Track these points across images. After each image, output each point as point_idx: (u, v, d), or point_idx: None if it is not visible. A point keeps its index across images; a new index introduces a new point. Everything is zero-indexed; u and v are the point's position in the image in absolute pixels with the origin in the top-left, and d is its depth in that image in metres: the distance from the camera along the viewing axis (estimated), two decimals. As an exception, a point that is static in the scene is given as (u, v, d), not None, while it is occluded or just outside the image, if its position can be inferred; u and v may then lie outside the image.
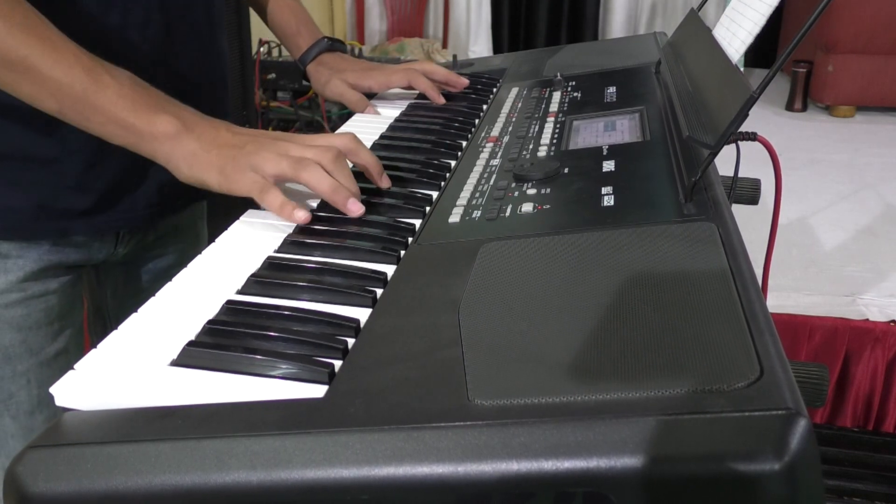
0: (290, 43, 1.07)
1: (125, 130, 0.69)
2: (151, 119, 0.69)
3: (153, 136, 0.70)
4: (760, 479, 0.37)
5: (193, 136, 0.70)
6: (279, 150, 0.70)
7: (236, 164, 0.69)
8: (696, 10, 1.00)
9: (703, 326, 0.46)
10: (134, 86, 0.70)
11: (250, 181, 0.69)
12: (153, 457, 0.43)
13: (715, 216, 0.59)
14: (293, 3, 1.07)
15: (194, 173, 0.70)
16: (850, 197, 2.36)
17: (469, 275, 0.57)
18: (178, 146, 0.70)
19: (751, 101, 0.60)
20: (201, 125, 0.71)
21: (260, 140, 0.71)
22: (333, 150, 0.72)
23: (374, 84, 1.05)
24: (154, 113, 0.70)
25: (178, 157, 0.70)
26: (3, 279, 0.80)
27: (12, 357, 0.81)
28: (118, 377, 0.50)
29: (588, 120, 0.89)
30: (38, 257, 0.81)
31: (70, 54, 0.67)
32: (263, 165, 0.69)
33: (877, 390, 1.75)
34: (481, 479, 0.39)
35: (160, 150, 0.70)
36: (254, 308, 0.57)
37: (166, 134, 0.70)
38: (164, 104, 0.71)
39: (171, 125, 0.70)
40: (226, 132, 0.72)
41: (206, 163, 0.70)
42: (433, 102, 1.05)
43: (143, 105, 0.69)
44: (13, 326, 0.81)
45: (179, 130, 0.70)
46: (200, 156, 0.70)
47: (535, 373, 0.45)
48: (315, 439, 0.42)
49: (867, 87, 3.12)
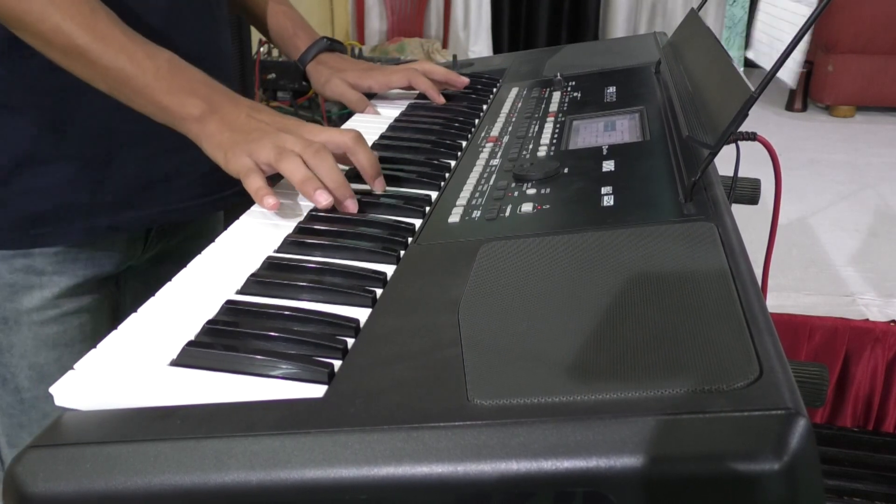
0: (288, 45, 1.07)
1: (162, 112, 0.75)
2: (183, 101, 0.74)
3: (183, 117, 0.74)
4: (760, 479, 0.37)
5: (217, 117, 0.75)
6: (277, 140, 0.73)
7: (238, 148, 0.73)
8: (696, 10, 1.00)
9: (702, 326, 0.46)
10: (171, 68, 0.74)
11: (241, 164, 0.73)
12: (153, 457, 0.43)
13: (715, 216, 0.59)
14: (287, 9, 1.06)
15: (210, 152, 0.75)
16: (850, 197, 2.36)
17: (469, 275, 0.57)
18: (204, 127, 0.74)
19: (751, 101, 0.60)
20: (226, 107, 0.75)
21: (268, 129, 0.74)
22: (317, 144, 0.73)
23: (374, 84, 1.05)
24: (186, 95, 0.74)
25: (203, 137, 0.75)
26: (38, 295, 0.81)
27: (46, 376, 0.82)
28: (118, 377, 0.50)
29: (588, 120, 0.89)
30: (73, 272, 0.83)
31: (116, 42, 0.72)
32: (256, 152, 0.72)
33: (877, 390, 1.76)
34: (481, 478, 0.39)
35: (191, 131, 0.75)
36: (253, 308, 0.57)
37: (194, 116, 0.74)
38: (196, 86, 0.75)
39: (197, 108, 0.74)
40: (245, 117, 0.75)
41: (219, 143, 0.74)
42: (433, 102, 1.05)
43: (177, 88, 0.74)
44: (48, 344, 0.82)
45: (205, 112, 0.74)
46: (217, 136, 0.74)
47: (534, 372, 0.45)
48: (314, 439, 0.42)
49: (867, 87, 3.13)
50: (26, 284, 0.81)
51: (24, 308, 0.81)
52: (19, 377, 0.82)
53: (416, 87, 1.06)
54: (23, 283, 0.81)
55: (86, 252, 0.83)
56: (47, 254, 0.81)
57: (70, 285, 0.83)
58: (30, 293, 0.81)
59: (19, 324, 0.81)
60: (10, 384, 0.82)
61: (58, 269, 0.82)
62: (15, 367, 0.82)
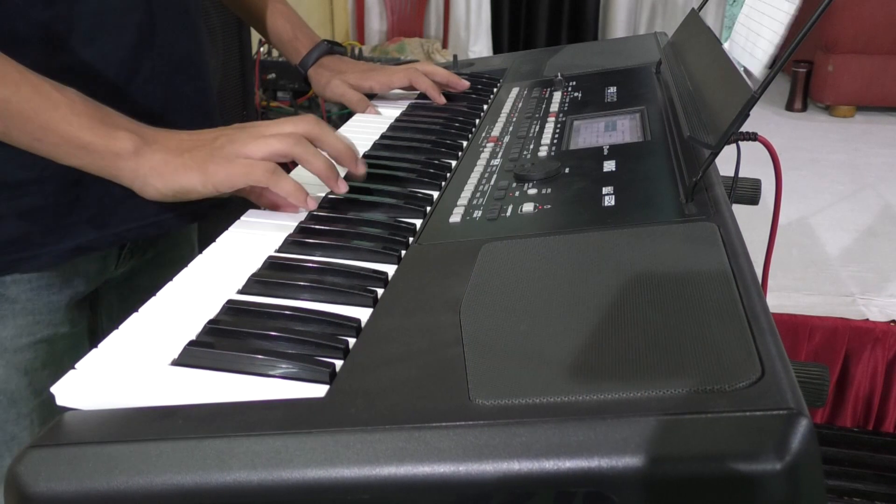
0: (288, 49, 1.06)
1: (82, 150, 0.66)
2: (110, 136, 0.66)
3: (114, 154, 0.66)
4: (762, 479, 0.37)
5: (156, 147, 0.67)
6: (254, 133, 0.68)
7: (217, 157, 0.67)
8: (696, 10, 1.00)
9: (704, 326, 0.46)
10: (85, 103, 0.67)
11: (246, 167, 0.67)
12: (154, 456, 0.43)
13: (716, 216, 0.59)
14: (287, 11, 1.06)
15: (169, 183, 0.67)
16: (850, 197, 2.36)
17: (470, 275, 0.57)
18: (143, 161, 0.67)
19: (751, 101, 0.60)
20: (161, 136, 0.69)
21: (226, 132, 0.69)
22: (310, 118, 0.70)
23: (375, 85, 1.05)
24: (112, 129, 0.66)
25: (145, 172, 0.67)
26: (11, 324, 0.77)
27: (17, 400, 0.79)
28: (119, 377, 0.50)
29: (588, 120, 0.89)
30: (47, 297, 0.78)
31: (15, 73, 0.64)
32: (249, 149, 0.67)
33: (877, 390, 1.76)
34: (482, 478, 0.39)
35: (124, 169, 0.67)
36: (255, 308, 0.57)
37: (128, 151, 0.66)
38: (119, 121, 0.68)
39: (130, 141, 0.66)
40: (186, 136, 0.69)
41: (181, 167, 0.67)
42: (434, 102, 1.05)
43: (98, 122, 0.66)
44: (20, 371, 0.78)
45: (139, 145, 0.67)
46: (172, 162, 0.67)
47: (536, 372, 0.45)
48: (316, 439, 0.42)
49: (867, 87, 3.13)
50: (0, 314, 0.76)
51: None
52: None
53: (417, 87, 1.05)
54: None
55: (59, 275, 0.79)
56: (20, 281, 0.76)
57: (44, 311, 0.78)
58: (2, 322, 0.76)
59: None
60: None
61: (31, 297, 0.77)
62: None
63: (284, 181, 0.69)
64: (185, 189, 0.67)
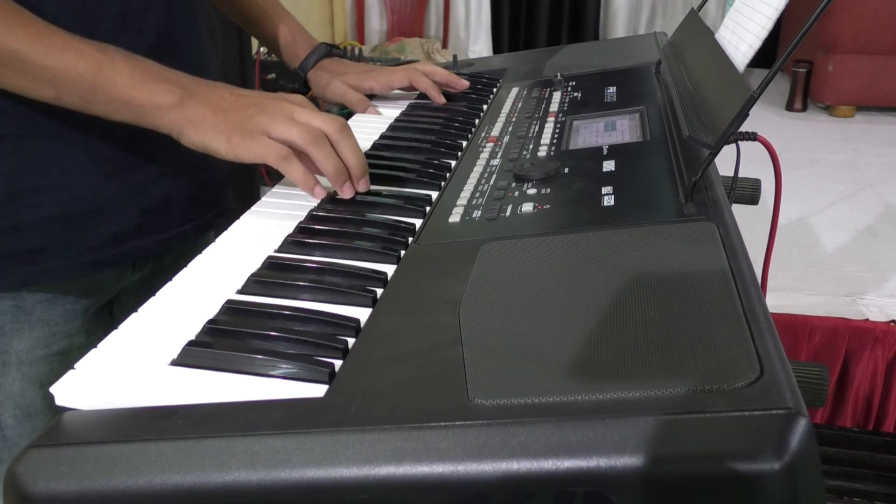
0: (287, 52, 1.05)
1: (127, 106, 0.69)
2: (152, 90, 0.69)
3: (157, 106, 0.69)
4: (761, 479, 0.37)
5: (196, 100, 0.70)
6: (285, 112, 0.70)
7: (243, 129, 0.69)
8: (696, 10, 1.00)
9: (703, 326, 0.46)
10: (127, 59, 0.69)
11: (263, 147, 0.69)
12: (153, 456, 0.43)
13: (715, 216, 0.59)
14: (285, 15, 1.05)
15: (201, 139, 0.70)
16: (850, 197, 2.36)
17: (469, 275, 0.57)
18: (183, 113, 0.69)
19: (751, 101, 0.60)
20: (203, 89, 0.71)
21: (262, 102, 0.71)
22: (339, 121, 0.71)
23: (375, 85, 1.05)
24: (154, 83, 0.69)
25: (182, 124, 0.70)
26: (28, 337, 0.77)
27: (33, 414, 0.78)
28: (118, 377, 0.50)
29: (588, 120, 0.89)
30: (63, 309, 0.78)
31: (59, 40, 0.66)
32: (272, 127, 0.69)
33: (877, 390, 1.76)
34: (481, 478, 0.39)
35: (165, 120, 0.70)
36: (254, 308, 0.57)
37: (170, 104, 0.69)
38: (163, 73, 0.70)
39: (172, 94, 0.69)
40: (229, 94, 0.71)
41: (213, 127, 0.69)
42: (434, 102, 1.05)
43: (141, 78, 0.69)
44: (36, 384, 0.78)
45: (182, 98, 0.69)
46: (208, 119, 0.69)
47: (535, 372, 0.45)
48: (315, 439, 0.42)
49: (867, 87, 3.13)
50: (15, 326, 0.76)
51: (12, 350, 0.76)
52: (3, 415, 0.78)
53: (417, 87, 1.05)
54: (11, 325, 0.76)
55: (76, 287, 0.79)
56: (36, 292, 0.76)
57: (60, 323, 0.78)
58: (19, 335, 0.76)
59: (7, 365, 0.77)
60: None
61: (47, 308, 0.77)
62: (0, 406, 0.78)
63: (295, 168, 0.70)
64: (212, 150, 0.70)
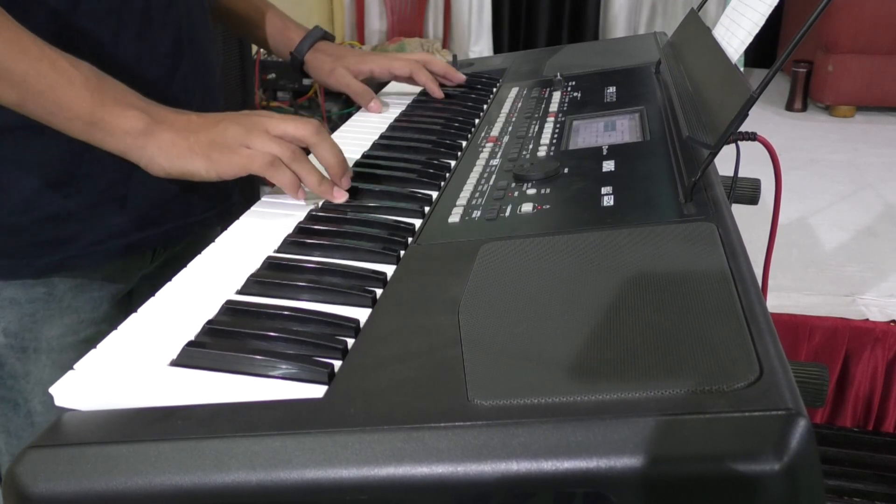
0: (279, 39, 1.04)
1: (93, 126, 0.67)
2: (120, 114, 0.67)
3: (123, 131, 0.68)
4: (760, 480, 0.37)
5: (165, 126, 0.69)
6: (259, 126, 0.70)
7: (220, 145, 0.68)
8: (696, 10, 1.00)
9: (702, 326, 0.46)
10: (99, 80, 0.68)
11: (246, 157, 0.69)
12: (153, 457, 0.43)
13: (715, 216, 0.59)
14: (273, 8, 1.05)
15: (175, 164, 0.69)
16: (850, 197, 2.36)
17: (469, 275, 0.57)
18: (151, 140, 0.68)
19: (751, 101, 0.60)
20: (170, 115, 0.70)
21: (231, 117, 0.71)
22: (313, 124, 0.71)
23: (375, 67, 1.04)
24: (122, 108, 0.68)
25: (152, 151, 0.68)
26: (58, 324, 0.79)
27: None
28: (118, 377, 0.50)
29: (588, 120, 0.89)
30: (90, 296, 0.80)
31: (34, 48, 0.65)
32: (249, 139, 0.69)
33: (877, 390, 1.75)
34: (481, 479, 0.39)
35: (132, 146, 0.68)
36: (253, 308, 0.57)
37: (137, 129, 0.68)
38: (131, 99, 0.69)
39: (140, 120, 0.68)
40: (195, 117, 0.70)
41: (187, 151, 0.68)
42: (432, 96, 1.05)
43: (110, 100, 0.68)
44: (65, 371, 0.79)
45: (149, 124, 0.68)
46: (179, 144, 0.68)
47: (534, 373, 0.45)
48: (314, 439, 0.42)
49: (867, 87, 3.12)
50: (47, 314, 0.78)
51: (43, 337, 0.78)
52: (32, 402, 0.80)
53: (416, 79, 1.05)
54: (43, 311, 0.78)
55: (103, 273, 0.81)
56: (66, 279, 0.78)
57: (88, 310, 0.80)
58: (50, 322, 0.78)
59: (38, 352, 0.78)
60: (23, 409, 0.80)
61: (76, 295, 0.79)
62: (29, 392, 0.79)
63: (281, 173, 0.70)
64: (190, 173, 0.69)
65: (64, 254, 0.77)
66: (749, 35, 0.71)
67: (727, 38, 0.76)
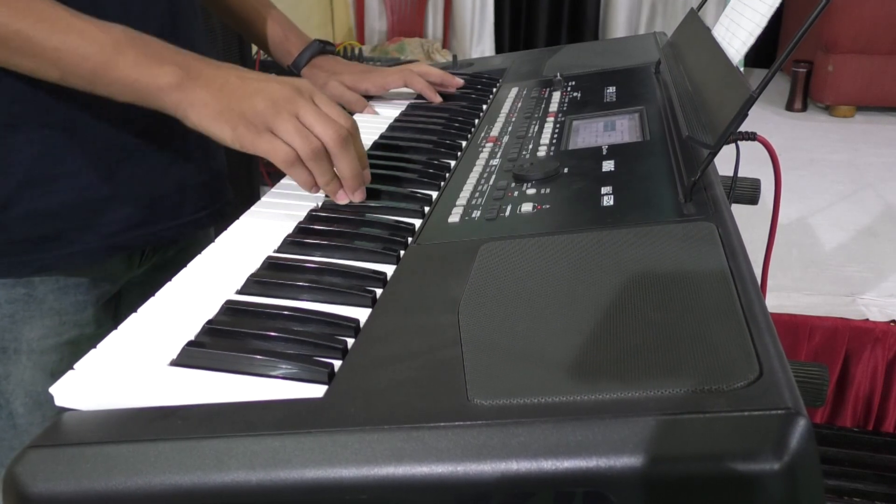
0: (279, 50, 1.05)
1: (129, 87, 0.68)
2: (154, 72, 0.68)
3: (159, 88, 0.68)
4: (760, 479, 0.37)
5: (199, 83, 0.69)
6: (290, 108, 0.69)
7: (248, 121, 0.68)
8: (696, 10, 1.00)
9: (702, 326, 0.46)
10: (131, 40, 0.68)
11: (270, 146, 0.68)
12: (153, 457, 0.43)
13: (714, 216, 0.59)
14: (278, 14, 1.04)
15: (204, 125, 0.69)
16: (850, 197, 2.36)
17: (469, 275, 0.57)
18: (185, 95, 0.68)
19: (750, 100, 0.60)
20: (207, 71, 0.70)
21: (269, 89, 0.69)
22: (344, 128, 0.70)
23: (370, 86, 1.05)
24: (157, 65, 0.68)
25: (185, 106, 0.69)
26: (39, 325, 0.78)
27: (43, 403, 0.79)
28: (118, 377, 0.50)
29: (588, 120, 0.89)
30: (74, 298, 0.79)
31: (63, 21, 0.66)
32: (276, 124, 0.68)
33: (877, 390, 1.76)
34: (481, 478, 0.39)
35: (168, 101, 0.69)
36: (253, 308, 0.57)
37: (171, 85, 0.68)
38: (165, 54, 0.69)
39: (174, 75, 0.68)
40: (234, 78, 0.70)
41: (217, 115, 0.68)
42: (431, 102, 1.05)
43: (143, 58, 0.68)
44: (46, 372, 0.79)
45: (183, 79, 0.68)
46: (210, 105, 0.68)
47: (534, 372, 0.45)
48: (314, 439, 0.42)
49: (867, 87, 3.13)
50: (27, 314, 0.77)
51: (24, 338, 0.77)
52: (14, 403, 0.79)
53: (412, 88, 1.06)
54: (23, 312, 0.77)
55: (87, 275, 0.80)
56: (48, 280, 0.77)
57: (71, 312, 0.79)
58: (30, 323, 0.77)
59: (19, 353, 0.78)
60: (4, 410, 0.79)
61: (59, 297, 0.78)
62: (10, 393, 0.79)
63: (299, 171, 0.70)
64: (216, 136, 0.69)
65: (43, 254, 0.76)
66: (751, 36, 0.71)
67: (727, 38, 0.76)
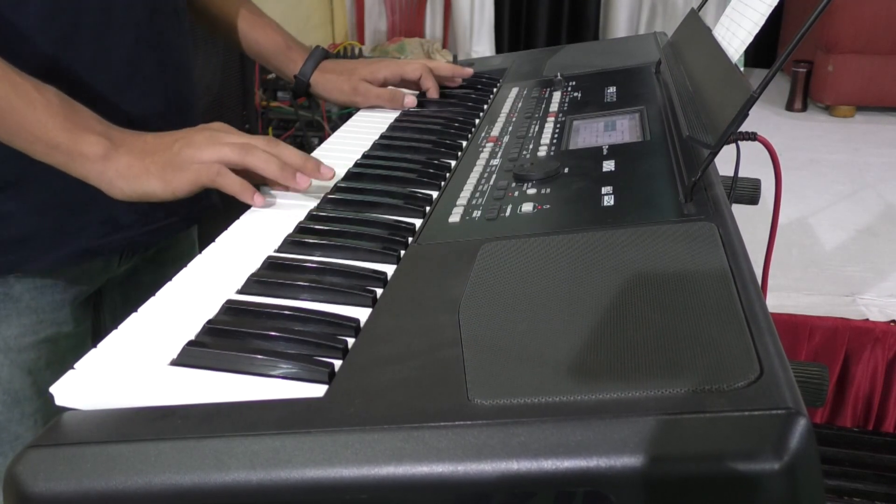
0: (281, 58, 1.03)
1: (53, 150, 0.68)
2: (80, 139, 0.68)
3: (83, 156, 0.69)
4: (760, 479, 0.37)
5: (123, 150, 0.70)
6: (211, 138, 0.71)
7: (174, 165, 0.69)
8: (696, 10, 1.00)
9: (702, 326, 0.46)
10: (62, 104, 0.69)
11: (194, 172, 0.70)
12: (153, 456, 0.43)
13: (715, 216, 0.59)
14: (272, 23, 1.03)
15: (134, 187, 0.70)
16: (850, 197, 2.36)
17: (469, 274, 0.57)
18: (110, 165, 0.69)
19: (751, 100, 0.60)
20: (128, 139, 0.71)
21: (186, 136, 0.71)
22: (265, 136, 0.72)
23: (388, 74, 1.04)
24: (83, 133, 0.69)
25: (111, 176, 0.69)
26: (16, 323, 0.78)
27: (21, 400, 0.80)
28: (118, 376, 0.50)
29: (588, 120, 0.89)
30: (51, 297, 0.80)
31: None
32: (202, 154, 0.69)
33: (877, 390, 1.75)
34: (481, 478, 0.39)
35: (92, 171, 0.69)
36: (254, 308, 0.57)
37: (96, 154, 0.69)
38: (92, 124, 0.70)
39: (99, 145, 0.69)
40: (151, 138, 0.72)
41: (144, 173, 0.69)
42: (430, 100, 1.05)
43: (71, 124, 0.68)
44: (24, 370, 0.79)
45: (108, 149, 0.69)
46: (135, 166, 0.69)
47: (534, 372, 0.45)
48: (315, 439, 0.42)
49: (867, 87, 3.12)
50: (4, 312, 0.77)
51: (1, 336, 0.78)
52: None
53: (422, 85, 1.06)
54: (0, 311, 0.77)
55: (64, 275, 0.80)
56: (24, 279, 0.78)
57: (48, 310, 0.80)
58: (7, 321, 0.78)
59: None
60: None
61: (35, 295, 0.79)
62: None
63: (230, 181, 0.71)
64: (148, 194, 0.71)
65: (16, 254, 0.76)
66: (749, 35, 0.71)
67: (727, 38, 0.76)
